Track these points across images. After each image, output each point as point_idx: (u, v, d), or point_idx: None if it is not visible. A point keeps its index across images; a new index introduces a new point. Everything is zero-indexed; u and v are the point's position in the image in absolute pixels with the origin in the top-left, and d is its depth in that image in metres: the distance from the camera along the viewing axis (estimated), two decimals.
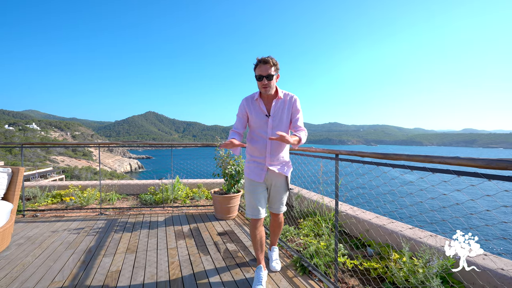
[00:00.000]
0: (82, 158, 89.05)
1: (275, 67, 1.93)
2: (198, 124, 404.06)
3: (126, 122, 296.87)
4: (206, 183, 5.44)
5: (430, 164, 1.34)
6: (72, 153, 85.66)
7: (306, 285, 2.13)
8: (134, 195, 5.18)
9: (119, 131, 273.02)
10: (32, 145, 3.79)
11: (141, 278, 2.20)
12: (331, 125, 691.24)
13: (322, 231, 2.98)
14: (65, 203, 4.39)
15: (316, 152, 2.31)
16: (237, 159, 3.92)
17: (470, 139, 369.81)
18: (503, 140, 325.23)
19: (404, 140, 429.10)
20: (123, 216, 3.94)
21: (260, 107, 2.05)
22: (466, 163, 1.11)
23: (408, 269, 2.02)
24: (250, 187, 2.12)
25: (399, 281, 2.01)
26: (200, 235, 3.20)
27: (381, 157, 1.57)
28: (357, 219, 2.99)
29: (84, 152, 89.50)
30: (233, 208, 3.87)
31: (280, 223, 2.35)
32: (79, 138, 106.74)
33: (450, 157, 1.17)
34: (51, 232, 3.22)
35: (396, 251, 2.38)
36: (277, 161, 2.10)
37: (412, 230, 2.51)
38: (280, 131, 1.85)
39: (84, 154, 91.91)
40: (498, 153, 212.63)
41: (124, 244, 2.89)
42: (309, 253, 2.49)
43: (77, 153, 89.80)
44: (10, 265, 2.39)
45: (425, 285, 1.81)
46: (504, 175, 1.07)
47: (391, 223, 2.74)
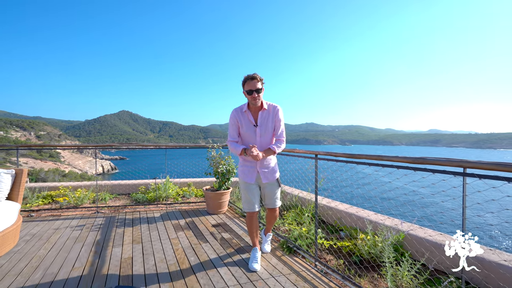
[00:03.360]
0: (48, 160, 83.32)
1: (261, 81, 2.31)
2: (174, 124, 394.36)
3: (97, 122, 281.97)
4: (195, 182, 5.78)
5: (382, 161, 1.89)
6: (37, 155, 79.87)
7: (292, 261, 2.62)
8: (125, 194, 5.39)
9: (90, 131, 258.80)
10: (29, 147, 3.91)
11: (152, 262, 2.56)
12: (308, 125, 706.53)
13: (303, 220, 3.50)
14: (59, 203, 4.52)
15: (300, 153, 2.81)
16: (227, 159, 4.34)
17: (435, 139, 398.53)
18: (463, 140, 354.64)
19: (376, 140, 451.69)
20: (120, 213, 4.19)
21: (249, 118, 2.42)
22: (403, 160, 1.65)
23: (371, 244, 2.58)
24: (245, 187, 2.52)
25: (364, 253, 2.57)
26: (196, 227, 3.58)
27: (349, 156, 2.09)
28: (331, 210, 3.55)
29: (50, 153, 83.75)
30: (224, 203, 4.29)
31: (276, 216, 2.72)
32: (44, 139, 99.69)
33: (393, 156, 1.71)
34: (53, 230, 3.42)
35: (363, 232, 2.96)
36: (266, 163, 2.48)
37: (376, 216, 3.11)
38: (267, 141, 2.40)
39: (51, 156, 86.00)
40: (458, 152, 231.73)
41: (128, 237, 3.19)
42: (293, 237, 2.99)
43: (42, 154, 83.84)
44: (26, 258, 2.62)
45: (382, 253, 2.38)
46: (426, 168, 1.62)
47: (361, 211, 3.33)
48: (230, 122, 2.49)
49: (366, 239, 2.69)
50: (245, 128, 2.42)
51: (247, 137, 2.45)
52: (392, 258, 2.20)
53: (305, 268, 2.49)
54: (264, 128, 2.40)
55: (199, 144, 4.50)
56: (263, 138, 2.42)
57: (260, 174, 2.46)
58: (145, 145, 4.95)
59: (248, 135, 2.43)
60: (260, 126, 2.40)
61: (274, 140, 2.49)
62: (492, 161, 1.28)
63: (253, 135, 2.42)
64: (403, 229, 2.62)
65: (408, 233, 2.55)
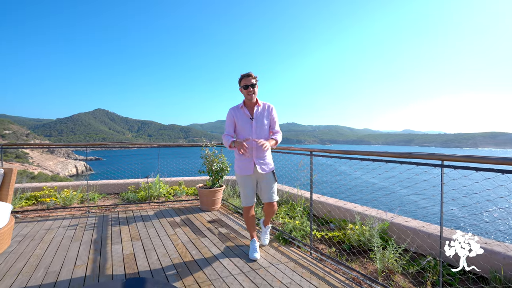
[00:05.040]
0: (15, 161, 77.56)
1: (255, 79, 2.58)
2: (154, 123, 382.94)
3: (70, 120, 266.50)
4: (185, 180, 5.82)
5: (373, 157, 2.13)
6: (3, 155, 74.04)
7: (289, 251, 2.82)
8: (114, 194, 5.32)
9: (61, 130, 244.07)
10: (16, 146, 3.78)
11: (155, 257, 2.64)
12: (289, 125, 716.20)
13: (295, 214, 3.71)
14: (45, 204, 4.39)
15: (295, 150, 3.01)
16: (221, 157, 4.46)
17: (408, 139, 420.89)
18: (434, 139, 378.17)
19: (355, 140, 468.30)
20: (112, 212, 4.17)
21: (245, 112, 2.65)
22: (391, 155, 1.90)
23: (359, 232, 2.84)
24: (242, 182, 2.68)
25: (354, 241, 2.82)
26: (193, 224, 3.67)
27: (343, 152, 2.32)
28: (321, 204, 3.80)
29: (17, 153, 78.04)
30: (217, 200, 4.40)
31: (274, 210, 2.83)
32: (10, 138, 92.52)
33: (383, 152, 1.96)
34: (45, 230, 3.36)
35: (351, 223, 3.22)
36: (262, 156, 2.65)
37: (362, 207, 3.39)
38: (262, 133, 2.58)
39: (18, 156, 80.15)
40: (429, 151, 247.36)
41: (126, 235, 3.22)
42: (288, 229, 3.19)
43: (8, 155, 77.88)
44: (23, 257, 2.59)
45: (371, 240, 2.64)
46: (411, 161, 1.87)
47: (348, 204, 3.60)
48: (227, 119, 2.72)
49: (355, 228, 2.94)
50: (241, 122, 2.63)
51: (244, 130, 2.64)
52: (379, 243, 2.46)
53: (301, 256, 2.69)
54: (259, 121, 2.62)
55: (194, 143, 4.57)
56: (258, 130, 2.62)
57: (256, 165, 2.61)
58: (140, 144, 4.93)
59: (245, 129, 2.63)
60: (256, 119, 2.62)
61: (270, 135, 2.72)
62: (464, 154, 1.54)
63: (249, 128, 2.62)
64: (387, 218, 2.91)
65: (392, 222, 2.84)
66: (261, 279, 2.24)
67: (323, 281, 2.22)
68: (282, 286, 2.13)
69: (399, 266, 2.33)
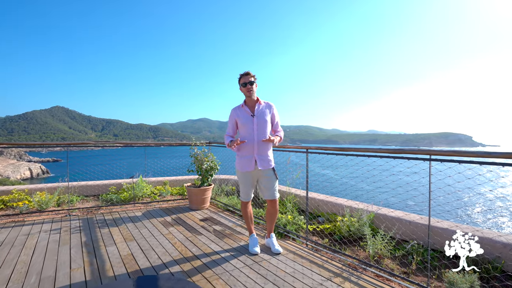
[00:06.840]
0: None
1: (253, 77, 2.70)
2: (120, 122, 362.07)
3: (23, 118, 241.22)
4: (170, 180, 5.71)
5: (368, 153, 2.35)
6: None
7: (285, 243, 2.96)
8: (93, 195, 5.05)
9: (12, 128, 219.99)
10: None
11: (155, 256, 2.61)
12: None
13: (286, 209, 3.88)
14: (17, 208, 4.04)
15: (291, 148, 3.16)
16: (210, 156, 4.48)
17: (373, 138, 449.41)
18: (395, 139, 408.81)
19: (324, 140, 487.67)
20: (96, 214, 3.98)
21: (246, 110, 2.74)
22: (385, 151, 2.14)
23: (349, 223, 3.08)
24: (243, 179, 2.77)
25: (344, 232, 3.05)
26: (185, 223, 3.66)
27: (339, 150, 2.52)
28: (311, 200, 4.01)
29: None
30: (207, 199, 4.42)
31: (276, 210, 2.79)
32: None
33: (377, 148, 2.18)
34: (24, 235, 3.12)
35: (341, 216, 3.46)
36: (263, 152, 2.75)
37: (351, 202, 3.66)
38: (264, 129, 2.68)
39: None
40: None
41: (118, 236, 3.12)
42: (282, 224, 3.34)
43: None
44: (8, 265, 2.41)
45: (360, 230, 2.89)
46: (403, 156, 2.11)
47: (339, 199, 3.85)
48: (229, 120, 2.83)
49: (344, 220, 3.18)
50: (243, 119, 2.72)
51: (246, 127, 2.71)
52: (369, 232, 2.71)
53: (298, 248, 2.85)
54: (261, 118, 2.71)
55: (183, 142, 4.52)
56: (260, 127, 2.70)
57: (257, 161, 2.70)
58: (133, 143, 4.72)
59: (247, 125, 2.71)
60: (257, 116, 2.71)
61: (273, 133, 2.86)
62: (450, 149, 1.81)
63: (251, 124, 2.69)
64: (373, 210, 3.19)
65: (377, 213, 3.12)
66: (265, 270, 2.35)
67: (323, 268, 2.39)
68: (286, 275, 2.26)
69: (387, 251, 2.60)
